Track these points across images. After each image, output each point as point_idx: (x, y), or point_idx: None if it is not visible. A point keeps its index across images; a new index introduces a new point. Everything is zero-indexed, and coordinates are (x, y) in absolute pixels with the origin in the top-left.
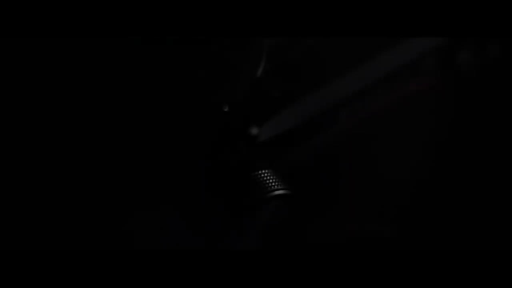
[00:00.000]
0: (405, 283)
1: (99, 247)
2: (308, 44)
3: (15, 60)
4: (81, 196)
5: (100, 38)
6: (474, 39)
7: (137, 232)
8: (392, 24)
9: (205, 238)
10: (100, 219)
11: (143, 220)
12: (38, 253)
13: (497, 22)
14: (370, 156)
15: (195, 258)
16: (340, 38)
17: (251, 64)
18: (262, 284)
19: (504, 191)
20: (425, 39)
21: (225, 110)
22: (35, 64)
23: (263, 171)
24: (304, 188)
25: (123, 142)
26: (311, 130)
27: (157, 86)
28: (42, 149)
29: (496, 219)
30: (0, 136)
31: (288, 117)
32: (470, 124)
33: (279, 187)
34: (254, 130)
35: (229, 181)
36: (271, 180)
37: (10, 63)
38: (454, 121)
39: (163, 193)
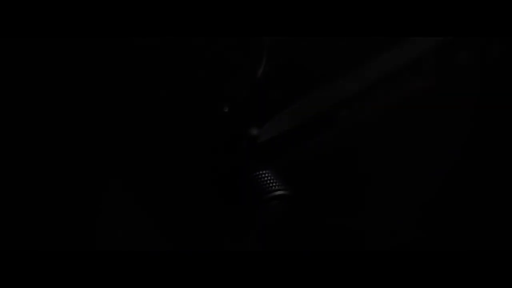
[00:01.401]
0: (405, 283)
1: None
2: (308, 44)
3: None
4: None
5: (100, 38)
6: (474, 39)
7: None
8: (392, 24)
9: (205, 239)
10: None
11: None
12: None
13: (497, 22)
14: (369, 156)
15: (195, 258)
16: (340, 38)
17: (251, 64)
18: (262, 285)
19: (505, 191)
20: (425, 39)
21: (225, 110)
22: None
23: (263, 172)
24: (304, 188)
25: (123, 142)
26: (311, 130)
27: (157, 86)
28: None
29: (498, 220)
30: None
31: (288, 118)
32: (470, 124)
33: (279, 187)
34: (254, 131)
35: (230, 182)
36: (271, 181)
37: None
38: (454, 121)
39: (163, 194)
